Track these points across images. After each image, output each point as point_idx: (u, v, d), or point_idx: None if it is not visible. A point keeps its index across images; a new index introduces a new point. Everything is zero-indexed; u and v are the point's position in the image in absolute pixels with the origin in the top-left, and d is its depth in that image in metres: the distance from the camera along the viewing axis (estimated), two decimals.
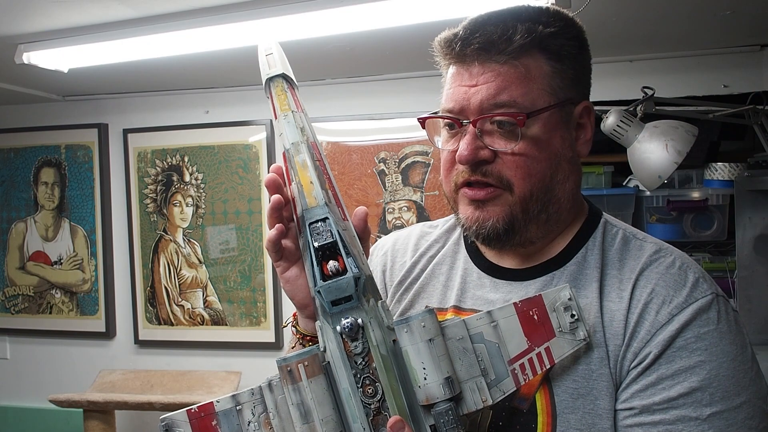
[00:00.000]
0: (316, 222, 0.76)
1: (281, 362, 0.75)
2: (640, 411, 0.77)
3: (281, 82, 0.84)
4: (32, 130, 2.91)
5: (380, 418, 0.73)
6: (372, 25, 1.71)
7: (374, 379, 0.74)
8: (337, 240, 0.75)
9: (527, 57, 0.83)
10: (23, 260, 2.96)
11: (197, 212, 2.74)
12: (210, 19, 1.68)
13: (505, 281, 0.91)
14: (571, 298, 0.77)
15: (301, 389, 0.74)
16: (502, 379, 0.76)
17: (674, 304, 0.79)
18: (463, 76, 0.84)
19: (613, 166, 2.34)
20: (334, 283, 0.74)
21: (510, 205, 0.84)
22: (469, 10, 0.87)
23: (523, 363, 0.76)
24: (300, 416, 0.74)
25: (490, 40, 0.82)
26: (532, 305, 0.78)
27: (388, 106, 2.52)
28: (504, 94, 0.82)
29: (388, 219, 2.54)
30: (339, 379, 0.75)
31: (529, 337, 0.77)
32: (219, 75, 2.48)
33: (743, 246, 2.14)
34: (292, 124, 0.81)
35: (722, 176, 2.25)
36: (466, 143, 0.83)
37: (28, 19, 1.70)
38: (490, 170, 0.84)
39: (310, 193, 0.78)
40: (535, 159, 0.83)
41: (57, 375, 2.94)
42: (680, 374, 0.76)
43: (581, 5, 1.46)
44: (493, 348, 0.77)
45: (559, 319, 0.77)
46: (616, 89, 2.19)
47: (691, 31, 2.00)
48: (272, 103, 0.83)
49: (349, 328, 0.74)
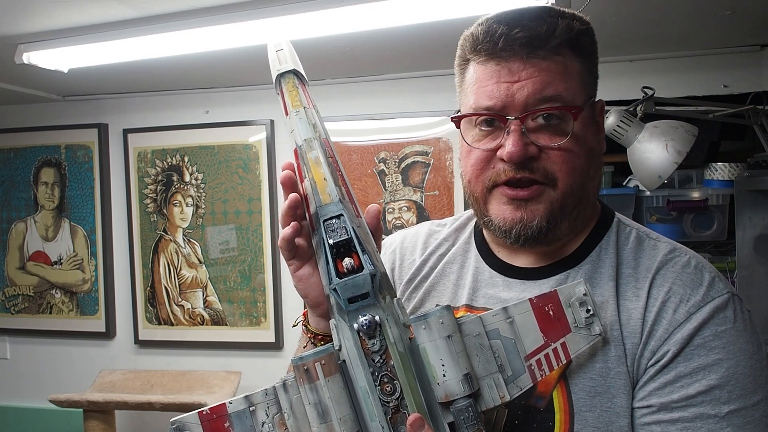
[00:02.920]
0: (331, 219, 0.76)
1: (297, 361, 0.73)
2: (658, 409, 0.77)
3: (292, 77, 0.84)
4: (32, 130, 2.91)
5: (399, 416, 0.72)
6: (372, 25, 1.71)
7: (392, 377, 0.73)
8: (352, 237, 0.75)
9: (566, 53, 0.83)
10: (23, 260, 2.96)
11: (197, 212, 2.74)
12: (210, 19, 1.68)
13: (518, 280, 0.91)
14: (587, 294, 0.76)
15: (318, 388, 0.73)
16: (519, 375, 0.75)
17: (692, 302, 0.79)
18: (501, 72, 0.82)
19: (613, 166, 2.34)
20: (351, 281, 0.73)
21: (552, 201, 0.84)
22: (469, 10, 0.87)
23: (539, 359, 0.76)
24: (317, 416, 0.72)
25: (534, 35, 0.81)
26: (547, 301, 0.77)
27: (388, 106, 2.52)
28: (549, 88, 0.81)
29: (388, 219, 2.54)
30: (356, 378, 0.73)
31: (544, 333, 0.76)
32: (219, 75, 2.48)
33: (743, 246, 2.14)
34: (304, 121, 0.81)
35: (722, 176, 2.25)
36: (514, 141, 0.81)
37: (28, 19, 1.70)
38: (536, 166, 0.83)
39: (324, 190, 0.77)
40: (577, 154, 0.84)
41: (57, 375, 2.94)
42: (698, 372, 0.76)
43: (581, 5, 1.46)
44: (510, 344, 0.76)
45: (575, 315, 0.76)
46: (616, 89, 2.20)
47: (691, 31, 2.00)
48: (283, 99, 0.83)
49: (367, 326, 0.73)
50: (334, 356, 0.74)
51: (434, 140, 2.47)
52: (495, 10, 0.89)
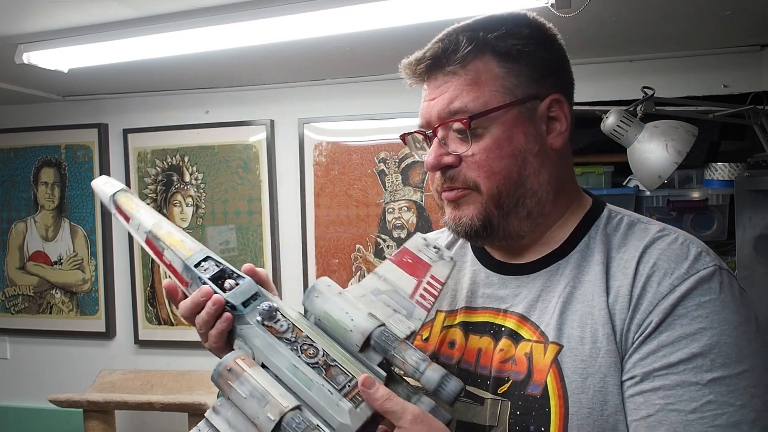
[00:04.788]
0: (200, 263, 0.86)
1: (218, 367, 0.75)
2: (641, 379, 0.77)
3: (123, 193, 0.98)
4: (32, 130, 2.91)
5: (333, 371, 0.76)
6: (372, 25, 1.71)
7: (310, 343, 0.78)
8: (225, 266, 0.87)
9: (476, 63, 0.87)
10: (23, 260, 2.96)
11: (197, 212, 2.75)
12: (210, 19, 1.68)
13: (512, 276, 0.93)
14: (425, 238, 0.93)
15: (247, 378, 0.74)
16: (412, 311, 0.85)
17: (675, 275, 0.80)
18: (426, 92, 0.91)
19: (613, 166, 2.34)
20: (239, 289, 0.83)
21: (482, 203, 0.88)
22: (469, 10, 0.87)
23: (421, 293, 0.87)
24: (258, 403, 0.72)
25: (436, 56, 0.88)
26: (402, 255, 0.92)
27: (388, 106, 2.52)
28: (456, 102, 0.87)
29: (388, 219, 2.54)
30: (279, 362, 0.77)
31: (413, 275, 0.89)
32: (219, 75, 2.48)
33: (743, 246, 2.14)
34: (143, 214, 0.94)
35: (722, 176, 2.25)
36: (430, 151, 0.90)
37: (28, 19, 1.70)
38: (455, 174, 0.89)
39: (185, 247, 0.89)
40: (497, 157, 0.87)
41: (57, 375, 2.94)
42: (680, 341, 0.77)
43: (581, 5, 1.46)
44: (391, 293, 0.87)
45: (428, 254, 0.92)
46: (616, 89, 2.19)
47: (691, 31, 2.00)
48: (121, 212, 0.96)
49: (268, 309, 0.80)
50: (250, 355, 0.78)
51: None
52: (492, 10, 0.90)
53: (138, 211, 0.94)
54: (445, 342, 0.94)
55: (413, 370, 0.75)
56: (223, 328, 0.84)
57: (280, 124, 2.63)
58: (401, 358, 0.75)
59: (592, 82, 2.24)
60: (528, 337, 0.86)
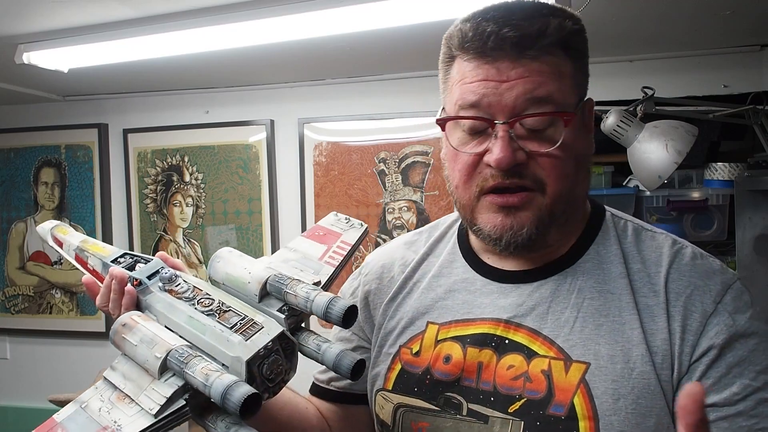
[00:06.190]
0: (116, 259, 0.91)
1: (114, 326, 0.78)
2: (722, 405, 0.77)
3: (60, 225, 1.06)
4: (32, 130, 2.91)
5: (227, 315, 0.77)
6: (372, 25, 1.71)
7: (207, 296, 0.80)
8: (141, 257, 0.91)
9: (558, 53, 0.80)
10: (23, 260, 2.96)
11: (197, 212, 2.75)
12: (210, 19, 1.68)
13: (512, 285, 0.88)
14: (337, 214, 0.98)
15: (140, 328, 0.76)
16: (320, 269, 0.87)
17: (714, 291, 0.80)
18: (489, 71, 0.78)
19: (613, 166, 2.34)
20: (144, 266, 0.87)
21: (541, 207, 0.81)
22: (469, 10, 0.86)
23: (330, 255, 0.90)
24: (147, 346, 0.73)
25: (525, 34, 0.77)
26: (314, 230, 0.95)
27: (388, 106, 2.52)
28: (540, 89, 0.77)
29: (388, 219, 2.54)
30: (177, 318, 0.78)
31: (323, 243, 0.92)
32: (219, 75, 2.48)
33: (743, 246, 2.14)
34: (73, 235, 1.02)
35: (722, 176, 2.25)
36: (502, 147, 0.78)
37: (28, 19, 1.70)
38: (525, 172, 0.79)
39: (106, 250, 0.95)
40: (566, 159, 0.81)
41: (57, 375, 2.94)
42: (745, 359, 0.78)
43: (581, 5, 1.46)
44: (301, 259, 0.89)
45: (338, 226, 0.96)
46: (616, 89, 2.19)
47: (691, 31, 2.00)
48: (57, 240, 1.03)
49: (168, 275, 0.83)
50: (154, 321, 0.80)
51: (434, 140, 2.47)
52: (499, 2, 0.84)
53: (69, 235, 1.02)
54: (440, 357, 0.88)
55: (304, 301, 0.75)
56: (128, 303, 0.82)
57: (280, 124, 2.63)
58: (293, 292, 0.76)
59: (592, 82, 2.24)
60: (543, 353, 0.81)
